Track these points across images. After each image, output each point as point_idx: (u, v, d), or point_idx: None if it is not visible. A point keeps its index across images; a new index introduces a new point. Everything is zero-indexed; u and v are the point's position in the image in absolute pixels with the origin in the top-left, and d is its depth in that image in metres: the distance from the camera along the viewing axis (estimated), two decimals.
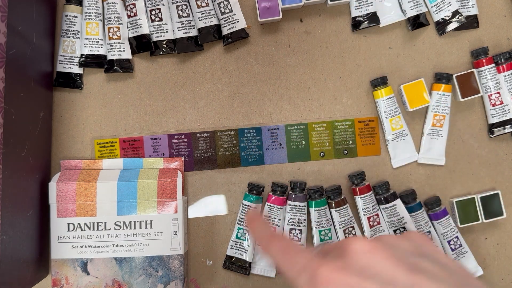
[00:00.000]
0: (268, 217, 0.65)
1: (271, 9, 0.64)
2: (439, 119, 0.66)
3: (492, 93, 0.66)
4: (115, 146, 0.67)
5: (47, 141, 0.64)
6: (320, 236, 0.64)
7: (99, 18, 0.65)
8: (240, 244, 0.65)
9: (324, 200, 0.65)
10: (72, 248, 0.61)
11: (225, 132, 0.67)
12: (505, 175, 0.67)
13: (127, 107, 0.67)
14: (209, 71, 0.67)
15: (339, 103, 0.68)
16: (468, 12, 0.67)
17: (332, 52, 0.68)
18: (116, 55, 0.65)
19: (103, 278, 0.61)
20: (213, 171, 0.67)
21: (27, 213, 0.57)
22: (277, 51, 0.68)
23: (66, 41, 0.65)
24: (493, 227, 0.67)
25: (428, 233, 0.65)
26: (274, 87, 0.67)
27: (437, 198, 0.65)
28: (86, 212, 0.61)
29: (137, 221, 0.61)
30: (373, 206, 0.65)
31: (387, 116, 0.66)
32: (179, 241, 0.62)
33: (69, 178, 0.62)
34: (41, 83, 0.61)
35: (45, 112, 0.63)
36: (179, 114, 0.67)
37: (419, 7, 0.66)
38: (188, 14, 0.65)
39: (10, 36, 0.51)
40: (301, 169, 0.67)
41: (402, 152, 0.67)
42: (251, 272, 0.65)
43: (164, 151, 0.67)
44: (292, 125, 0.67)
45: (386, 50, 0.68)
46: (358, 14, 0.66)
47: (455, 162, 0.68)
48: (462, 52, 0.68)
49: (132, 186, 0.62)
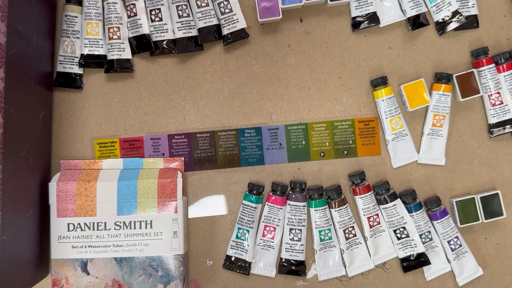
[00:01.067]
0: (268, 217, 0.65)
1: (271, 9, 0.64)
2: (439, 119, 0.66)
3: (492, 93, 0.66)
4: (115, 146, 0.67)
5: (47, 141, 0.64)
6: (320, 236, 0.65)
7: (99, 18, 0.65)
8: (240, 244, 0.65)
9: (324, 200, 0.65)
10: (72, 248, 0.61)
11: (225, 132, 0.67)
12: (505, 175, 0.67)
13: (127, 107, 0.67)
14: (209, 71, 0.67)
15: (339, 103, 0.68)
16: (468, 12, 0.67)
17: (332, 52, 0.68)
18: (116, 55, 0.65)
19: (103, 278, 0.61)
20: (213, 171, 0.67)
21: (27, 213, 0.57)
22: (277, 51, 0.68)
23: (66, 41, 0.65)
24: (493, 227, 0.67)
25: (428, 233, 0.65)
26: (274, 87, 0.67)
27: (437, 198, 0.65)
28: (86, 212, 0.61)
29: (137, 221, 0.61)
30: (373, 206, 0.65)
31: (387, 116, 0.66)
32: (179, 241, 0.62)
33: (69, 178, 0.62)
34: (41, 83, 0.61)
35: (45, 112, 0.63)
36: (179, 114, 0.67)
37: (419, 7, 0.66)
38: (188, 14, 0.65)
39: (10, 36, 0.51)
40: (301, 169, 0.67)
41: (402, 152, 0.67)
42: (251, 272, 0.65)
43: (164, 151, 0.67)
44: (292, 125, 0.67)
45: (386, 50, 0.68)
46: (358, 14, 0.66)
47: (455, 162, 0.68)
48: (462, 52, 0.68)
49: (132, 186, 0.62)
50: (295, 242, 0.64)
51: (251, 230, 0.64)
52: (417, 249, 0.64)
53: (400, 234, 0.64)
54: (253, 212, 0.64)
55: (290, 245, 0.65)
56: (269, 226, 0.65)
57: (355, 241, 0.65)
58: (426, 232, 0.65)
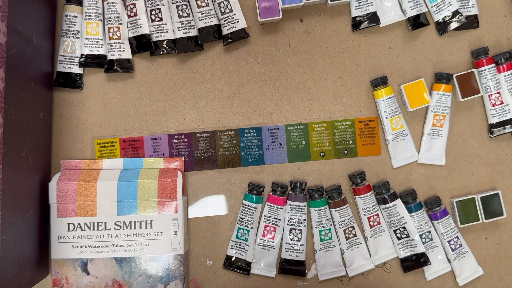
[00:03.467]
0: (268, 217, 0.65)
1: (271, 9, 0.64)
2: (439, 119, 0.66)
3: (492, 93, 0.66)
4: (115, 146, 0.67)
5: (47, 141, 0.64)
6: (320, 236, 0.64)
7: (99, 18, 0.65)
8: (240, 244, 0.65)
9: (324, 200, 0.65)
10: (72, 248, 0.61)
11: (225, 132, 0.67)
12: (505, 175, 0.67)
13: (127, 107, 0.67)
14: (209, 71, 0.67)
15: (339, 103, 0.68)
16: (468, 12, 0.67)
17: (332, 52, 0.68)
18: (116, 55, 0.65)
19: (103, 278, 0.61)
20: (213, 171, 0.67)
21: (27, 213, 0.57)
22: (277, 51, 0.68)
23: (66, 41, 0.65)
24: (493, 227, 0.67)
25: (428, 233, 0.65)
26: (274, 87, 0.67)
27: (437, 198, 0.65)
28: (86, 212, 0.61)
29: (137, 221, 0.61)
30: (373, 206, 0.65)
31: (387, 116, 0.66)
32: (179, 241, 0.62)
33: (69, 178, 0.62)
34: (41, 83, 0.61)
35: (45, 112, 0.63)
36: (179, 114, 0.67)
37: (419, 7, 0.66)
38: (188, 14, 0.65)
39: (10, 36, 0.51)
40: (301, 169, 0.67)
41: (402, 152, 0.67)
42: (251, 272, 0.65)
43: (164, 151, 0.67)
44: (292, 125, 0.67)
45: (386, 50, 0.68)
46: (358, 14, 0.66)
47: (455, 162, 0.68)
48: (462, 52, 0.68)
49: (132, 186, 0.62)
50: (295, 242, 0.64)
51: (251, 230, 0.64)
52: (417, 249, 0.64)
53: (400, 234, 0.64)
54: (253, 212, 0.64)
55: (290, 245, 0.64)
56: (269, 226, 0.65)
57: (355, 241, 0.65)
58: (426, 232, 0.65)
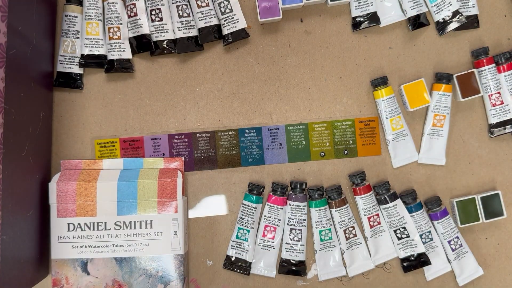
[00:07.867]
0: (268, 217, 0.65)
1: (271, 9, 0.64)
2: (439, 119, 0.66)
3: (492, 93, 0.66)
4: (115, 146, 0.67)
5: (47, 141, 0.64)
6: (321, 236, 0.64)
7: (99, 18, 0.65)
8: (240, 244, 0.65)
9: (324, 200, 0.65)
10: (72, 248, 0.61)
11: (225, 132, 0.67)
12: (505, 175, 0.67)
13: (127, 107, 0.67)
14: (209, 71, 0.67)
15: (340, 103, 0.68)
16: (468, 12, 0.67)
17: (332, 52, 0.68)
18: (116, 55, 0.65)
19: (103, 278, 0.61)
20: (213, 171, 0.67)
21: (27, 213, 0.57)
22: (278, 51, 0.68)
23: (67, 41, 0.65)
24: (493, 227, 0.67)
25: (429, 233, 0.65)
26: (275, 87, 0.67)
27: (437, 198, 0.65)
28: (86, 212, 0.61)
29: (137, 221, 0.61)
30: (374, 206, 0.65)
31: (388, 116, 0.66)
32: (179, 241, 0.62)
33: (69, 178, 0.62)
34: (41, 83, 0.61)
35: (45, 112, 0.63)
36: (179, 114, 0.67)
37: (419, 7, 0.66)
38: (188, 14, 0.65)
39: (10, 36, 0.51)
40: (301, 169, 0.67)
41: (402, 152, 0.67)
42: (251, 272, 0.65)
43: (164, 151, 0.67)
44: (292, 125, 0.67)
45: (387, 50, 0.68)
46: (358, 14, 0.66)
47: (455, 162, 0.67)
48: (462, 52, 0.68)
49: (132, 186, 0.62)
50: (296, 242, 0.64)
51: (252, 230, 0.64)
52: (417, 249, 0.64)
53: (400, 234, 0.64)
54: (253, 212, 0.64)
55: (290, 245, 0.64)
56: (269, 226, 0.65)
57: (355, 241, 0.65)
58: (427, 232, 0.65)
